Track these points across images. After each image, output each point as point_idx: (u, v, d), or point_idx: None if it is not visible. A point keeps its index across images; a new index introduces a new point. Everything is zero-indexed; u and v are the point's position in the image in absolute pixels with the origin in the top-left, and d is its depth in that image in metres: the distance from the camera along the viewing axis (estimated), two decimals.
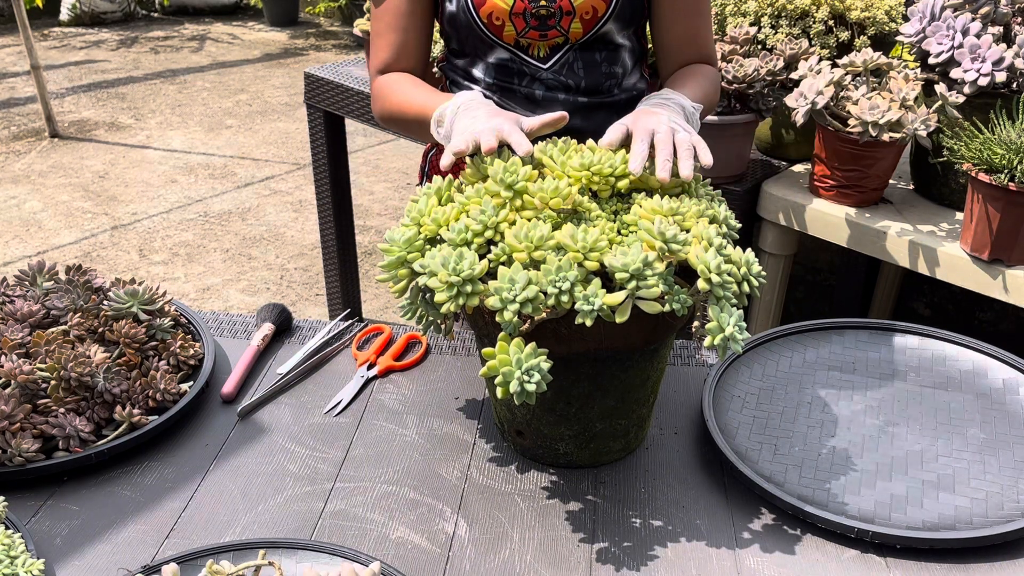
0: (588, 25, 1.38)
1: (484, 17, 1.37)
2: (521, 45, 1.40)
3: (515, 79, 1.44)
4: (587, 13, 1.37)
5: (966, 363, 1.29)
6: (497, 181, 1.05)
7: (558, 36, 1.39)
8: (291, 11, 7.24)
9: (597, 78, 1.44)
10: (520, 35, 1.38)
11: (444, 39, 1.49)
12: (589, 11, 1.37)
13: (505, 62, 1.43)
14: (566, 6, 1.36)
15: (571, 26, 1.37)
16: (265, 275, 3.63)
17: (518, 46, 1.41)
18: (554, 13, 1.36)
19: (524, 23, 1.37)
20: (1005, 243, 1.69)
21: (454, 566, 1.00)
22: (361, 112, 2.59)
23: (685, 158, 1.10)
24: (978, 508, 1.05)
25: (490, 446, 1.18)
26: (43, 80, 4.74)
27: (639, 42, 1.49)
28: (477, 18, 1.38)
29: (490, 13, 1.37)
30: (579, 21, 1.37)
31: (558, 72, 1.42)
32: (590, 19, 1.37)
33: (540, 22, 1.37)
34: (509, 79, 1.44)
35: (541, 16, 1.36)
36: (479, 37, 1.41)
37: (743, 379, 1.26)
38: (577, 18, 1.37)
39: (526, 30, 1.38)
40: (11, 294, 1.28)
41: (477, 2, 1.37)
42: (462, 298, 0.96)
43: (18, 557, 0.92)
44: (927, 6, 1.82)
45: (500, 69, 1.44)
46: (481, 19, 1.38)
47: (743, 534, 1.04)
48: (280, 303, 1.44)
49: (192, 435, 1.19)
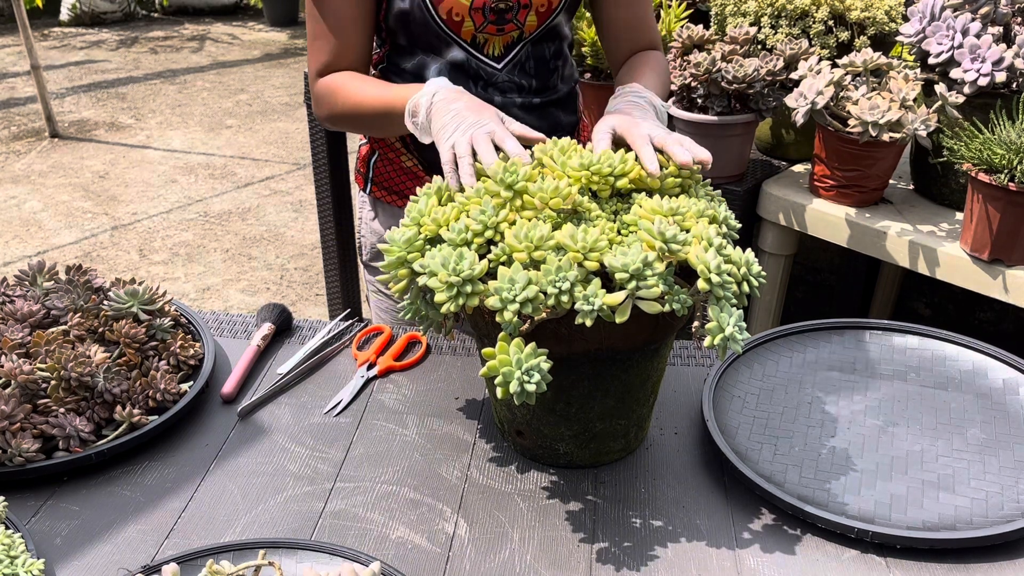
0: (543, 17, 1.40)
1: (443, 13, 1.35)
2: (477, 42, 1.40)
3: (470, 83, 1.42)
4: (542, 6, 1.38)
5: (966, 363, 1.29)
6: (497, 181, 1.05)
7: (514, 30, 1.39)
8: (291, 11, 7.24)
9: (545, 75, 1.46)
10: (478, 30, 1.38)
11: (387, 38, 1.44)
12: (544, 4, 1.38)
13: (460, 63, 1.41)
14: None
15: (527, 19, 1.39)
16: (265, 275, 3.63)
17: (474, 43, 1.40)
18: (512, 7, 1.37)
19: (483, 18, 1.36)
20: (1005, 243, 1.69)
21: (454, 566, 1.00)
22: None
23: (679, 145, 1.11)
24: (978, 508, 1.05)
25: (490, 446, 1.18)
26: (43, 80, 4.74)
27: (571, 30, 1.52)
28: (435, 15, 1.35)
29: (450, 9, 1.35)
30: (534, 14, 1.39)
31: (511, 72, 1.43)
32: (545, 11, 1.39)
33: (498, 16, 1.37)
34: (464, 82, 1.41)
35: (499, 10, 1.36)
36: (435, 34, 1.38)
37: (743, 379, 1.26)
38: (533, 11, 1.38)
39: (484, 24, 1.37)
40: (11, 294, 1.28)
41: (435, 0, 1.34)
42: (462, 298, 0.96)
43: (18, 557, 0.92)
44: (927, 6, 1.82)
45: (455, 70, 1.41)
46: (439, 16, 1.35)
47: (743, 534, 1.04)
48: (280, 303, 1.44)
49: (192, 435, 1.19)
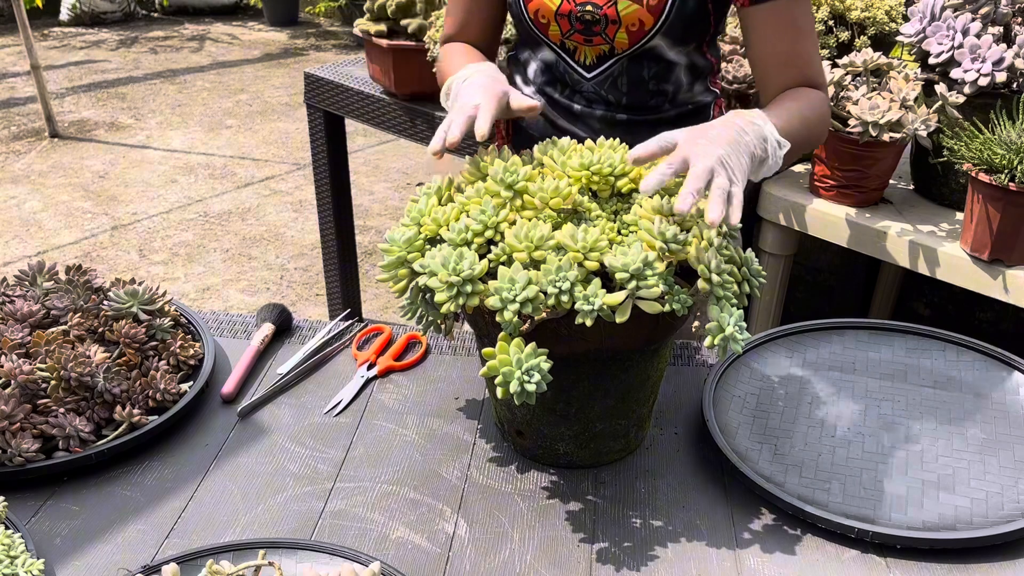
0: (635, 37, 1.32)
1: (531, 13, 1.36)
2: (567, 47, 1.38)
3: (557, 87, 1.42)
4: (633, 25, 1.30)
5: (966, 363, 1.29)
6: (497, 181, 1.05)
7: (603, 44, 1.34)
8: (291, 11, 7.24)
9: (641, 96, 1.39)
10: (565, 36, 1.35)
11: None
12: (636, 23, 1.30)
13: (550, 63, 1.41)
14: (612, 15, 1.30)
15: (616, 35, 1.32)
16: (265, 275, 3.63)
17: (564, 48, 1.38)
18: (599, 20, 1.31)
19: (569, 25, 1.34)
20: (1005, 243, 1.69)
21: (454, 566, 1.00)
22: (361, 112, 2.59)
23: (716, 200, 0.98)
24: (978, 508, 1.05)
25: (490, 446, 1.18)
26: (43, 80, 4.74)
27: (706, 58, 1.40)
28: (525, 12, 1.36)
29: (537, 10, 1.35)
30: (625, 32, 1.31)
31: (600, 85, 1.38)
32: (636, 31, 1.31)
33: (585, 27, 1.33)
34: (552, 86, 1.43)
35: (586, 21, 1.32)
36: (527, 31, 1.40)
37: (743, 379, 1.26)
38: (623, 28, 1.31)
39: (571, 32, 1.34)
40: (11, 294, 1.28)
41: None
42: (462, 298, 0.96)
43: (18, 557, 0.92)
44: (927, 6, 1.82)
45: (546, 70, 1.42)
46: (528, 14, 1.36)
47: (743, 534, 1.04)
48: (280, 303, 1.44)
49: (192, 435, 1.19)
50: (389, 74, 2.45)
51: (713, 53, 1.42)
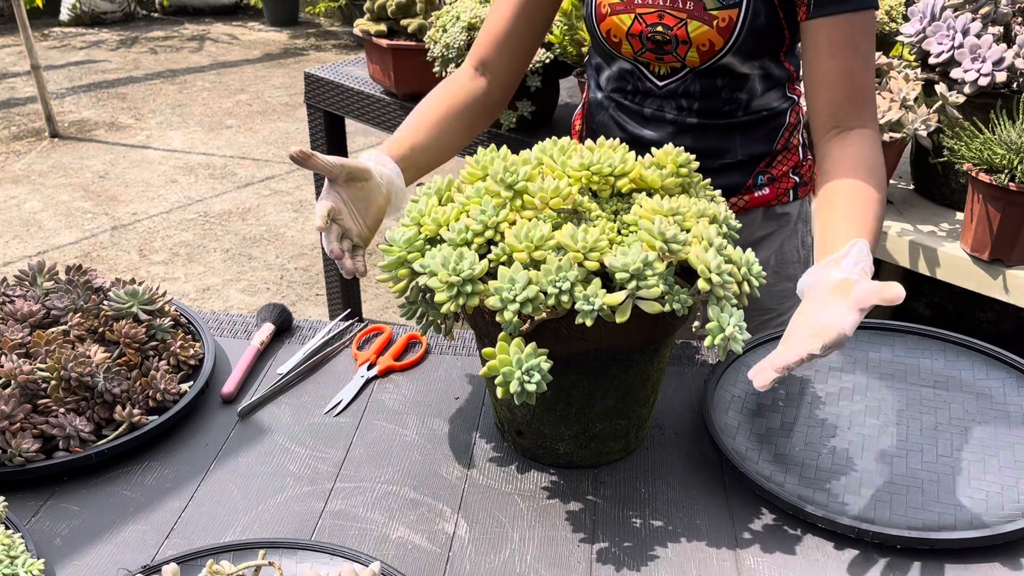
0: (705, 56, 1.33)
1: (603, 32, 1.37)
2: (640, 61, 1.39)
3: (629, 95, 1.43)
4: (704, 45, 1.31)
5: (966, 363, 1.29)
6: (497, 181, 1.05)
7: (675, 61, 1.35)
8: (291, 11, 7.24)
9: (715, 103, 1.39)
10: (637, 54, 1.37)
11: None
12: (706, 44, 1.31)
13: (627, 72, 1.42)
14: (682, 35, 1.31)
15: (687, 54, 1.33)
16: (265, 275, 3.63)
17: (637, 61, 1.40)
18: (670, 40, 1.32)
19: (640, 44, 1.35)
20: (1005, 243, 1.70)
21: (454, 566, 1.00)
22: (361, 112, 2.59)
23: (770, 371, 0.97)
24: (978, 508, 1.05)
25: (490, 446, 1.18)
26: (43, 80, 4.75)
27: (783, 67, 1.40)
28: (598, 31, 1.38)
29: (609, 29, 1.36)
30: (695, 51, 1.32)
31: (672, 92, 1.39)
32: (707, 51, 1.32)
33: (656, 46, 1.34)
34: (623, 94, 1.44)
35: (657, 41, 1.33)
36: (602, 48, 1.42)
37: (743, 379, 1.26)
38: (694, 48, 1.32)
39: (642, 51, 1.36)
40: (11, 294, 1.28)
41: (599, 16, 1.36)
42: (462, 298, 0.96)
43: (18, 557, 0.92)
44: (927, 6, 1.82)
45: (621, 77, 1.43)
46: (601, 32, 1.37)
47: (743, 534, 1.04)
48: (280, 303, 1.44)
49: (192, 435, 1.19)
50: (389, 74, 2.45)
51: (791, 61, 1.41)
